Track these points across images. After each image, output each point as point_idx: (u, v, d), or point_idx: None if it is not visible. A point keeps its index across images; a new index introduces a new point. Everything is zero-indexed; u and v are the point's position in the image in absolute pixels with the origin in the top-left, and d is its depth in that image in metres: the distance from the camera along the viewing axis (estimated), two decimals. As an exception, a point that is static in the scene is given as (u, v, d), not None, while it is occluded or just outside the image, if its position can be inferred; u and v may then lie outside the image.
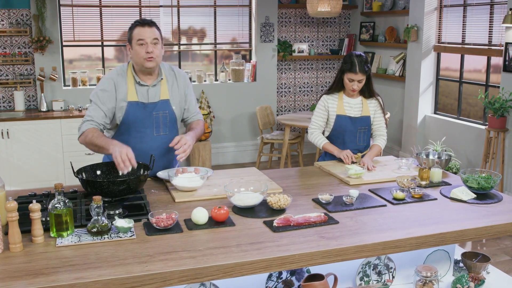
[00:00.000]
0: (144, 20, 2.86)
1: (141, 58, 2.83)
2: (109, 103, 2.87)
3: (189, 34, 7.21)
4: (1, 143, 5.78)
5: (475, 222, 2.34)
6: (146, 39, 2.81)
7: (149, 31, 2.83)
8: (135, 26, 2.86)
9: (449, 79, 6.46)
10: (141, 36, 2.81)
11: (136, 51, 2.84)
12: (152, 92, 2.93)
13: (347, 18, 7.86)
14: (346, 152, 3.24)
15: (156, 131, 2.95)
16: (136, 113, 2.88)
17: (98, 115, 2.85)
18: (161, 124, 2.95)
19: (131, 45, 2.86)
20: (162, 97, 2.95)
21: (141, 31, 2.82)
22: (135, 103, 2.88)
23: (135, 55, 2.85)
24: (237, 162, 7.41)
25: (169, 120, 2.98)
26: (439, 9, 6.32)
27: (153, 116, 2.92)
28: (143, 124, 2.91)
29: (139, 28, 2.83)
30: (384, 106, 3.51)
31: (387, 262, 2.51)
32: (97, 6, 6.62)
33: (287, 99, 7.79)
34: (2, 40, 6.21)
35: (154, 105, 2.92)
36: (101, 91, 2.88)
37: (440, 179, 2.92)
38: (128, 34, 2.89)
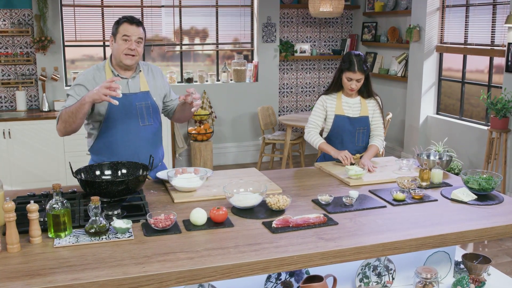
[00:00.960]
0: (133, 18, 2.89)
1: (121, 53, 2.86)
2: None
3: (191, 34, 7.21)
4: (3, 143, 5.78)
5: (475, 223, 2.32)
6: (131, 36, 2.85)
7: (136, 29, 2.86)
8: (123, 21, 2.87)
9: (451, 80, 6.44)
10: (128, 32, 2.85)
11: (118, 45, 2.87)
12: (132, 84, 2.96)
13: (349, 18, 7.84)
14: (344, 153, 3.21)
15: (142, 121, 2.96)
16: (119, 105, 2.84)
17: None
18: (145, 115, 2.97)
19: (115, 39, 2.89)
20: (142, 88, 2.99)
21: (128, 28, 2.85)
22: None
23: (116, 49, 2.88)
24: (239, 162, 7.40)
25: (152, 110, 3.00)
26: (441, 9, 6.30)
27: (136, 107, 2.94)
28: (127, 115, 2.92)
29: (126, 25, 2.86)
30: (383, 106, 3.49)
31: (387, 264, 2.50)
32: (99, 6, 6.63)
33: (289, 99, 7.77)
34: (4, 40, 6.21)
35: (135, 96, 2.94)
36: (78, 86, 2.87)
37: (441, 180, 2.91)
38: (114, 28, 2.90)
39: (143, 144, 2.95)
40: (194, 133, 6.67)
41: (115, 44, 2.88)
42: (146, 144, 2.97)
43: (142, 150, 2.93)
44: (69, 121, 2.76)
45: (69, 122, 2.76)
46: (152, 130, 3.00)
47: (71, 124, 2.77)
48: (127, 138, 2.91)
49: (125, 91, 2.90)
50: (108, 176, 2.64)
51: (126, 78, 2.94)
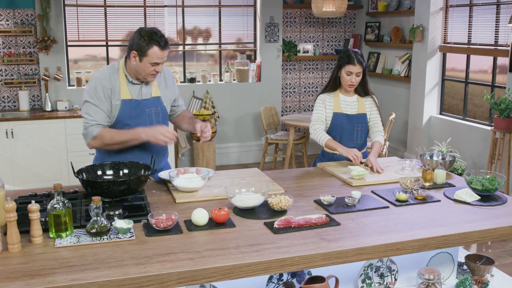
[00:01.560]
0: (164, 42, 2.77)
1: (147, 74, 2.83)
2: (107, 102, 2.85)
3: (194, 34, 7.20)
4: (6, 142, 5.78)
5: (478, 224, 2.30)
6: (161, 62, 2.80)
7: (165, 53, 2.80)
8: (153, 44, 2.75)
9: (454, 80, 6.41)
10: (159, 59, 2.78)
11: (145, 66, 2.80)
12: (144, 89, 2.94)
13: (352, 18, 7.83)
14: (354, 151, 3.18)
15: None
16: (130, 110, 2.88)
17: (101, 117, 2.84)
18: (154, 121, 2.96)
19: (141, 58, 2.78)
20: (154, 94, 2.97)
21: (159, 54, 2.76)
22: (128, 101, 2.88)
23: (141, 69, 2.81)
24: (241, 162, 7.39)
25: (161, 116, 2.99)
26: (444, 9, 6.28)
27: (146, 113, 2.93)
28: (137, 121, 2.90)
29: (158, 50, 2.75)
30: (379, 105, 3.50)
31: (390, 265, 2.48)
32: (101, 6, 6.63)
33: (292, 99, 7.76)
34: (7, 40, 6.22)
35: (146, 102, 2.93)
36: (95, 92, 2.83)
37: (444, 181, 2.89)
38: (141, 48, 2.75)
39: (149, 151, 2.93)
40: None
41: (140, 64, 2.79)
42: (152, 151, 2.95)
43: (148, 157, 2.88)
44: (112, 146, 2.82)
45: (112, 146, 2.83)
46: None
47: (112, 147, 2.83)
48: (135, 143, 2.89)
49: (137, 97, 2.90)
50: (109, 176, 2.63)
51: (139, 84, 2.92)
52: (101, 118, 2.83)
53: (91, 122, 2.82)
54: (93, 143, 2.84)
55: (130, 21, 6.81)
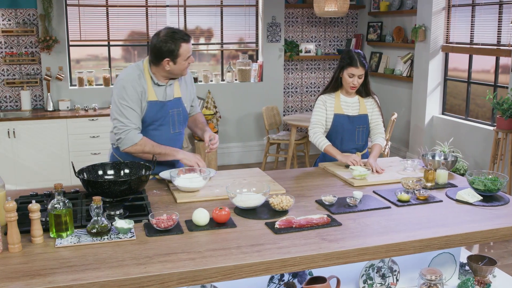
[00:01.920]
0: (186, 35, 2.82)
1: (183, 70, 2.88)
2: (139, 105, 2.87)
3: (196, 34, 7.19)
4: (8, 142, 5.79)
5: (480, 225, 2.29)
6: (191, 53, 2.85)
7: (190, 46, 2.84)
8: (180, 42, 2.78)
9: (457, 80, 6.39)
10: (190, 52, 2.83)
11: (181, 66, 2.84)
12: (169, 90, 2.96)
13: (354, 18, 7.81)
14: (353, 157, 3.16)
15: (172, 129, 2.99)
16: (156, 112, 2.91)
17: (137, 120, 2.86)
18: (176, 122, 3.00)
19: (175, 61, 2.81)
20: (176, 95, 2.99)
21: (188, 48, 2.81)
22: (154, 102, 2.90)
23: (177, 69, 2.85)
24: (243, 162, 7.39)
25: (182, 117, 3.03)
26: (447, 8, 6.26)
27: (169, 114, 2.96)
28: (161, 122, 2.94)
29: (186, 45, 2.80)
30: (380, 105, 3.48)
31: (391, 265, 2.47)
32: (103, 6, 6.62)
33: (294, 99, 7.75)
34: (9, 39, 6.22)
35: (170, 103, 2.96)
36: (130, 93, 2.82)
37: (446, 181, 2.88)
38: (171, 50, 2.77)
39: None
40: (198, 133, 6.65)
41: (176, 66, 2.83)
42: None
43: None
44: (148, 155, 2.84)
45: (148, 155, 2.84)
46: (180, 138, 3.06)
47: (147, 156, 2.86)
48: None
49: (162, 99, 2.93)
50: (110, 176, 2.63)
51: (163, 85, 2.94)
52: (138, 121, 2.85)
53: (130, 126, 2.81)
54: (131, 149, 2.83)
55: (132, 21, 6.81)
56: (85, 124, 6.03)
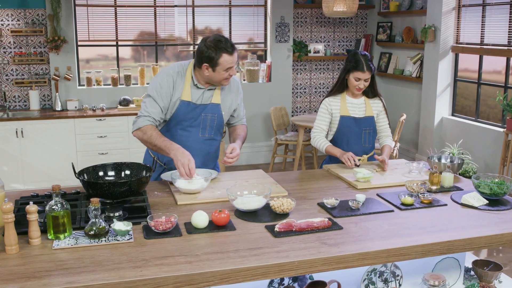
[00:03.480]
0: (231, 46, 2.79)
1: (222, 80, 2.85)
2: (166, 99, 2.88)
3: (206, 34, 7.18)
4: (16, 142, 5.81)
5: (485, 229, 2.25)
6: (233, 65, 2.82)
7: (235, 57, 2.80)
8: (221, 52, 2.76)
9: (466, 80, 6.32)
10: (231, 64, 2.80)
11: (219, 75, 2.82)
12: (206, 94, 2.95)
13: (364, 18, 7.76)
14: (348, 154, 3.14)
15: (202, 132, 2.97)
16: (186, 112, 2.90)
17: (155, 111, 2.87)
18: (208, 126, 2.97)
19: (214, 69, 2.81)
20: (214, 100, 2.96)
21: (229, 60, 2.78)
22: (187, 102, 2.90)
23: (216, 77, 2.84)
24: (251, 163, 7.36)
25: (216, 123, 2.99)
26: (457, 8, 6.19)
27: (201, 117, 2.94)
28: (190, 123, 2.93)
29: (227, 56, 2.77)
30: (387, 107, 3.45)
31: (394, 270, 2.43)
32: (112, 6, 6.63)
33: (303, 99, 7.71)
34: (18, 39, 6.26)
35: (204, 107, 2.93)
36: (160, 86, 2.88)
37: (452, 184, 2.83)
38: (211, 58, 2.78)
39: (198, 154, 2.91)
40: (206, 133, 6.64)
41: (214, 73, 2.82)
42: (200, 154, 2.95)
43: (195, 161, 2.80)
44: (148, 145, 2.87)
45: (147, 145, 2.88)
46: (210, 142, 3.02)
47: (146, 145, 2.89)
48: (184, 145, 2.84)
49: (196, 101, 2.92)
50: (111, 177, 2.61)
51: (203, 88, 2.93)
52: (154, 112, 2.87)
53: (144, 113, 2.88)
54: (136, 133, 2.90)
55: (140, 21, 6.81)
56: (93, 124, 6.04)
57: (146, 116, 2.87)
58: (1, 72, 6.28)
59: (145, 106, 2.89)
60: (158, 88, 2.88)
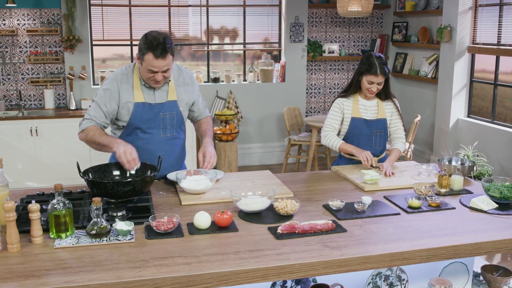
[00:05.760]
0: (158, 50, 2.62)
1: (147, 79, 2.78)
2: (111, 105, 2.82)
3: (221, 33, 7.18)
4: (30, 140, 5.87)
5: (493, 234, 2.20)
6: (157, 70, 2.69)
7: (161, 62, 2.65)
8: (148, 50, 2.63)
9: (482, 81, 6.21)
10: (153, 67, 2.67)
11: (144, 72, 2.74)
12: (159, 93, 2.87)
13: (379, 18, 7.68)
14: (366, 153, 3.09)
15: (163, 132, 2.90)
16: (143, 114, 2.84)
17: (98, 116, 2.83)
18: (168, 125, 2.90)
19: (141, 62, 2.71)
20: (169, 98, 2.89)
21: (154, 62, 2.64)
22: (141, 104, 2.83)
23: (142, 72, 2.77)
24: (264, 163, 7.34)
25: (176, 121, 2.92)
26: (474, 8, 6.09)
27: (160, 117, 2.87)
28: (150, 125, 2.86)
29: (152, 58, 2.63)
30: (400, 109, 3.37)
31: (399, 274, 2.40)
32: (126, 5, 6.67)
33: (317, 100, 7.67)
34: (33, 39, 6.32)
35: (161, 106, 2.86)
36: (103, 91, 2.83)
37: (461, 187, 2.77)
38: (140, 51, 2.69)
39: (164, 155, 2.85)
40: (219, 133, 6.63)
41: (141, 67, 2.74)
42: (166, 155, 2.90)
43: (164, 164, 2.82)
44: (91, 146, 2.86)
45: (91, 146, 2.87)
46: (174, 141, 2.95)
47: (92, 146, 2.87)
48: (147, 148, 2.85)
49: (150, 101, 2.85)
50: (116, 177, 2.61)
51: (152, 88, 2.86)
52: (97, 117, 2.83)
53: (87, 117, 2.85)
54: (80, 136, 2.88)
55: (155, 21, 6.83)
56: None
57: (89, 119, 2.83)
58: (17, 71, 6.35)
59: (89, 110, 2.85)
60: (102, 94, 2.82)
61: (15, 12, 6.21)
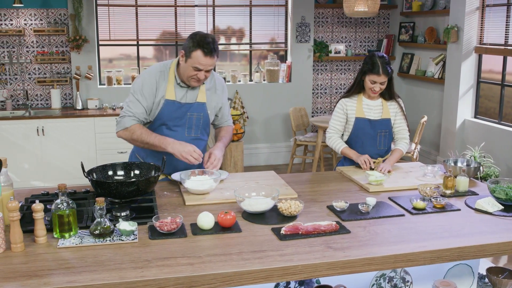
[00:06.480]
0: (211, 49, 2.70)
1: (189, 77, 2.81)
2: (150, 99, 2.86)
3: (228, 34, 7.18)
4: (36, 140, 5.90)
5: (498, 236, 2.18)
6: (202, 68, 2.75)
7: (209, 61, 2.72)
8: (198, 47, 2.70)
9: (490, 82, 6.17)
10: (200, 65, 2.73)
11: (187, 69, 2.77)
12: (191, 93, 2.92)
13: (386, 18, 7.65)
14: (364, 157, 3.11)
15: (188, 132, 2.94)
16: (171, 111, 2.88)
17: (139, 111, 2.86)
18: (194, 126, 2.94)
19: (186, 59, 2.76)
20: (199, 99, 2.93)
21: (201, 59, 2.71)
22: (171, 101, 2.87)
23: (184, 69, 2.80)
24: (270, 163, 7.33)
25: (202, 122, 2.97)
26: (481, 8, 6.05)
27: (187, 117, 2.91)
28: (176, 123, 2.90)
29: (201, 55, 2.70)
30: (404, 109, 3.36)
31: (404, 275, 2.38)
32: (133, 5, 6.68)
33: (323, 100, 7.65)
34: (40, 39, 6.35)
35: (189, 106, 2.91)
36: (143, 86, 2.86)
37: (467, 188, 2.76)
38: (188, 48, 2.74)
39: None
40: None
41: (185, 64, 2.78)
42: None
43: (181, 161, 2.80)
44: (137, 143, 2.85)
45: (137, 143, 2.86)
46: (197, 142, 2.97)
47: (136, 144, 2.87)
48: None
49: (181, 100, 2.89)
50: (120, 177, 2.62)
51: (186, 87, 2.91)
52: (137, 112, 2.85)
53: (128, 113, 2.85)
54: (122, 133, 2.87)
55: (161, 21, 6.84)
56: (112, 123, 6.08)
57: (131, 116, 2.84)
58: (23, 71, 6.38)
59: (128, 106, 2.86)
60: (141, 88, 2.85)
61: (22, 12, 6.24)
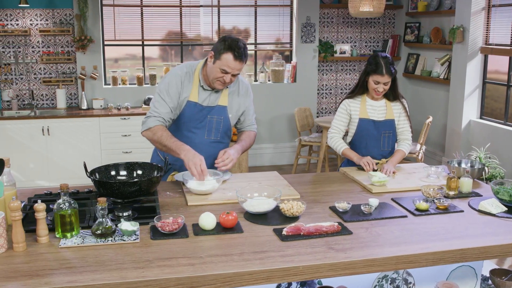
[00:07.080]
0: (241, 54, 2.73)
1: (215, 78, 2.81)
2: (175, 99, 2.88)
3: (233, 34, 7.18)
4: (42, 139, 5.92)
5: (501, 238, 2.17)
6: (230, 71, 2.76)
7: (238, 65, 2.74)
8: (229, 50, 2.72)
9: (495, 83, 6.14)
10: (228, 68, 2.74)
11: (215, 70, 2.78)
12: (213, 96, 2.93)
13: (391, 19, 7.63)
14: (366, 159, 3.10)
15: (208, 135, 2.95)
16: (192, 113, 2.89)
17: (164, 112, 2.87)
18: (214, 129, 2.95)
19: (214, 60, 2.77)
20: (220, 102, 2.94)
21: (231, 62, 2.72)
22: (193, 103, 2.89)
23: (211, 70, 2.81)
24: (275, 164, 7.33)
25: (222, 126, 2.96)
26: (487, 9, 6.02)
27: (207, 119, 2.92)
28: (196, 125, 2.92)
29: (231, 58, 2.72)
30: (408, 110, 3.34)
31: (406, 277, 2.37)
32: (138, 6, 6.69)
33: (328, 100, 7.64)
34: (46, 39, 6.37)
35: (210, 109, 2.92)
36: (169, 86, 2.87)
37: (470, 190, 2.74)
38: (218, 49, 2.75)
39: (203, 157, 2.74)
40: (229, 133, 6.64)
41: (213, 65, 2.79)
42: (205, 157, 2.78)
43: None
44: (158, 145, 2.86)
45: (157, 145, 2.86)
46: (216, 145, 2.97)
47: (156, 145, 2.88)
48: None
49: (203, 103, 2.90)
50: (123, 177, 2.62)
51: (209, 90, 2.92)
52: (163, 113, 2.87)
53: (154, 113, 2.88)
54: (145, 133, 2.90)
55: (166, 21, 6.86)
56: (117, 123, 6.11)
57: (156, 116, 2.86)
58: (29, 70, 6.41)
59: (154, 106, 2.88)
60: (167, 88, 2.88)
61: (28, 12, 6.26)
